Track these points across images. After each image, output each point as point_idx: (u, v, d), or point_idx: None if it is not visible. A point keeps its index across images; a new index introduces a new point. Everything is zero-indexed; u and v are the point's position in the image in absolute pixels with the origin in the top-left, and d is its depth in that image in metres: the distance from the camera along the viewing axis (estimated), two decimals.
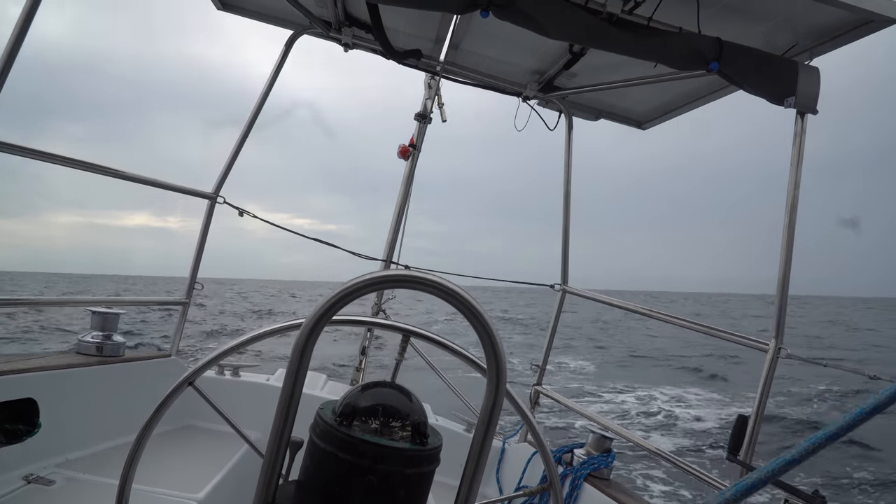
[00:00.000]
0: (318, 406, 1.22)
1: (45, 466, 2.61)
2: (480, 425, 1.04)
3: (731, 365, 22.22)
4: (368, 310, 3.98)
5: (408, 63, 3.55)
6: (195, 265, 3.58)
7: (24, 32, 2.28)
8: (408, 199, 4.05)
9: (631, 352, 27.66)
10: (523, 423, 3.11)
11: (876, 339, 36.93)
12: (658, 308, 3.37)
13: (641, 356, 26.30)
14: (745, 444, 2.46)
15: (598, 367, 22.27)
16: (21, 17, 2.27)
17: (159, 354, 3.48)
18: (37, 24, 2.27)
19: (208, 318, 31.49)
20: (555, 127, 3.80)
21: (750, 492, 0.76)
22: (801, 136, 2.50)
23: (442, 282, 0.99)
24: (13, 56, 2.25)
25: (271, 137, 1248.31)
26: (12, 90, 2.35)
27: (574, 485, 3.02)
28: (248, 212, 3.68)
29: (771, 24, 2.49)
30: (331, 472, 1.10)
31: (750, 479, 0.76)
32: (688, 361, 24.02)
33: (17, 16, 2.29)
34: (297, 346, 1.02)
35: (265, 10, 3.43)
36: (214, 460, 2.99)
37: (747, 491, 0.76)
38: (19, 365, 2.64)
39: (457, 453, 1.23)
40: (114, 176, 3.04)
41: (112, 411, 3.02)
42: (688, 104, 3.47)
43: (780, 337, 2.52)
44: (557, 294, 3.81)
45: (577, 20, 2.32)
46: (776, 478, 0.75)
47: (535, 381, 3.77)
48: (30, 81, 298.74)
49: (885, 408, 0.70)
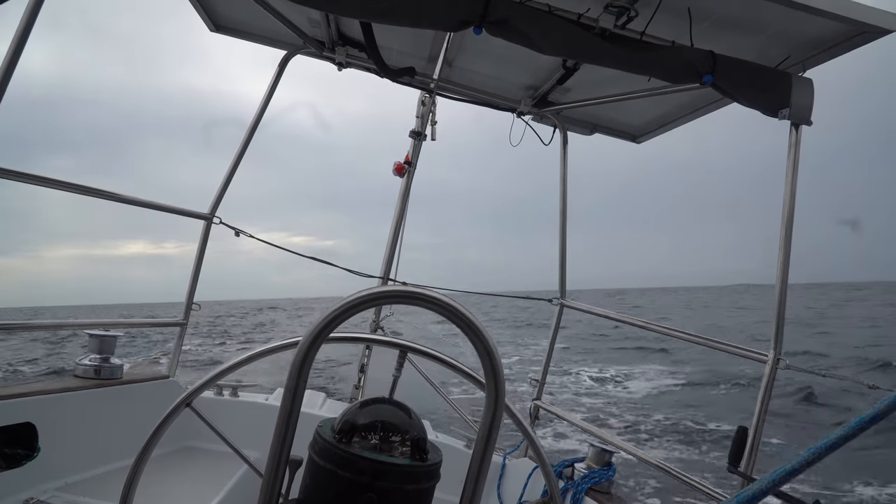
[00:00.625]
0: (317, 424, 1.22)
1: (45, 490, 2.59)
2: (480, 440, 1.04)
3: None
4: (367, 327, 3.98)
5: (402, 81, 3.57)
6: (192, 286, 3.57)
7: (12, 66, 2.22)
8: (404, 216, 4.06)
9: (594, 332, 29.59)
10: (524, 439, 3.10)
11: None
12: (655, 322, 3.38)
13: (603, 335, 28.38)
14: (746, 456, 2.45)
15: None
16: (8, 55, 2.22)
17: (157, 376, 3.46)
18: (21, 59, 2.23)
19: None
20: (549, 142, 3.82)
21: (751, 503, 0.76)
22: (795, 147, 2.52)
23: (439, 297, 1.00)
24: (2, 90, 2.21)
25: (264, 156, 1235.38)
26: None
27: (575, 499, 3.00)
28: (244, 232, 3.68)
29: (763, 37, 2.51)
30: (330, 490, 1.09)
31: (751, 490, 0.76)
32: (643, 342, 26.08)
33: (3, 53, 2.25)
34: (294, 364, 1.01)
35: (258, 31, 3.45)
36: (214, 481, 2.96)
37: (748, 502, 0.76)
38: (17, 389, 2.63)
39: (457, 469, 1.22)
40: (110, 199, 3.04)
41: (111, 434, 3.00)
42: (682, 117, 3.49)
43: (779, 347, 2.52)
44: (555, 308, 3.81)
45: (570, 36, 2.33)
46: (777, 488, 0.75)
47: (534, 395, 3.76)
48: (14, 114, 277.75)
49: (884, 417, 0.70)
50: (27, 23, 2.24)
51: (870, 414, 0.71)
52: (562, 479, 3.18)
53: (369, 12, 2.33)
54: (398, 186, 4.06)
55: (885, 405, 0.70)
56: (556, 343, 3.84)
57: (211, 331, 38.86)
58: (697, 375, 19.44)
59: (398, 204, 4.05)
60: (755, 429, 2.46)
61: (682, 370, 20.49)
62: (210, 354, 24.07)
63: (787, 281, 2.51)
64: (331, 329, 1.00)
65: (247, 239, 3.76)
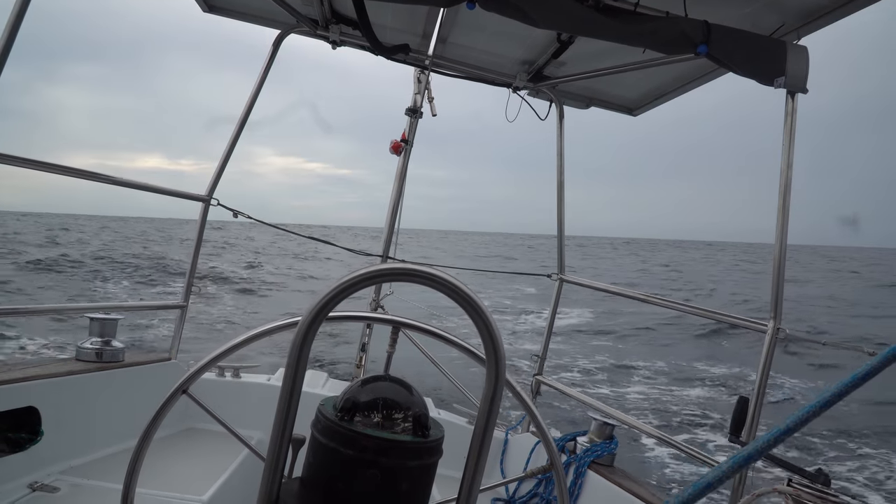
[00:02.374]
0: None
1: (49, 474, 2.62)
2: (481, 415, 1.05)
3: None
4: (366, 306, 3.99)
5: (396, 58, 3.54)
6: (192, 268, 3.57)
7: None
8: (402, 194, 4.05)
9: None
10: (525, 414, 3.12)
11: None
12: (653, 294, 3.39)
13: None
14: (747, 425, 2.47)
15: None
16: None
17: (159, 358, 3.48)
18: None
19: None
20: (546, 117, 3.80)
21: (746, 464, 0.77)
22: (791, 115, 2.51)
23: (437, 273, 1.00)
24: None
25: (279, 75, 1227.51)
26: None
27: (578, 472, 3.03)
28: (242, 213, 3.67)
29: (757, 6, 2.49)
30: (334, 468, 1.10)
31: (745, 452, 0.77)
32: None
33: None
34: (294, 343, 1.02)
35: (251, 10, 3.41)
36: (218, 461, 3.00)
37: (743, 463, 0.77)
38: (19, 374, 2.64)
39: (459, 446, 1.23)
40: (107, 182, 3.04)
41: (114, 417, 3.02)
42: (678, 88, 3.47)
43: (779, 317, 2.53)
44: (555, 284, 3.82)
45: (563, 8, 2.31)
46: (772, 448, 0.75)
47: (535, 371, 3.78)
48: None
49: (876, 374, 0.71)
50: None
51: (862, 371, 0.71)
52: (564, 452, 3.21)
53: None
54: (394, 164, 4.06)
55: (878, 361, 0.70)
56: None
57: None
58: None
59: (395, 183, 4.04)
60: (756, 398, 2.49)
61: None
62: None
63: (786, 249, 2.51)
64: (330, 308, 1.01)
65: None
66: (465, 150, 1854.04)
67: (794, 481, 2.15)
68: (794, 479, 2.14)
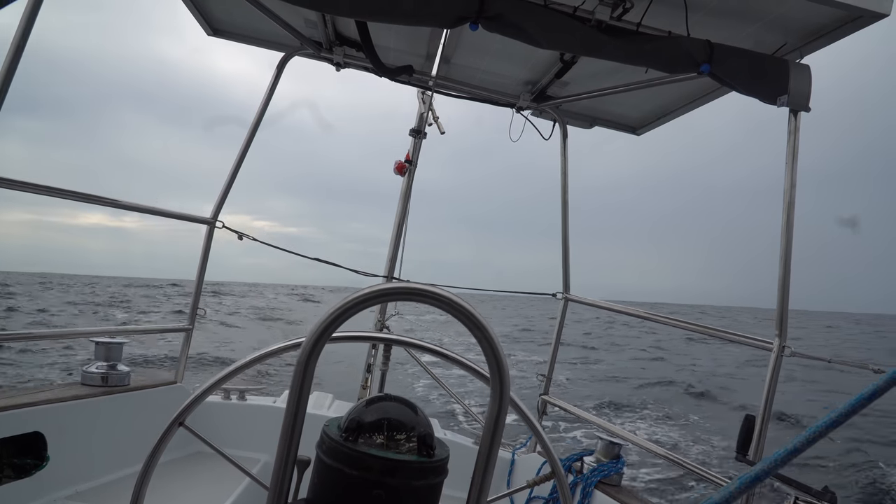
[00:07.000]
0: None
1: (55, 499, 2.61)
2: (486, 433, 1.04)
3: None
4: (371, 326, 3.98)
5: (400, 79, 3.57)
6: (197, 291, 3.58)
7: (26, 35, 2.26)
8: (406, 214, 4.06)
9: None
10: (532, 434, 3.10)
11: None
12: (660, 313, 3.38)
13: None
14: (754, 444, 2.45)
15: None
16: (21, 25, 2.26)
17: (165, 381, 3.47)
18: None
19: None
20: (549, 136, 3.81)
21: (754, 484, 0.76)
22: (794, 134, 2.51)
23: (441, 293, 1.00)
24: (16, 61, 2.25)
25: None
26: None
27: (585, 492, 3.00)
28: (247, 235, 3.69)
29: (760, 25, 2.51)
30: (338, 489, 1.10)
31: (753, 472, 0.76)
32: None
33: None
34: (299, 364, 1.02)
35: (255, 33, 3.45)
36: (224, 486, 2.97)
37: (751, 483, 0.76)
38: (25, 399, 2.64)
39: (465, 467, 1.22)
40: (112, 206, 3.06)
41: (120, 441, 3.01)
42: (681, 108, 3.48)
43: (784, 335, 2.51)
44: (560, 303, 3.81)
45: (566, 29, 2.33)
46: (779, 468, 0.75)
47: (541, 390, 3.76)
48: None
49: (883, 393, 0.70)
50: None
51: (869, 390, 0.71)
52: (571, 472, 3.18)
53: (363, 11, 2.33)
54: (399, 184, 4.07)
55: (885, 381, 0.70)
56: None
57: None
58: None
59: (400, 203, 4.05)
60: (762, 416, 2.47)
61: None
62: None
63: (790, 269, 2.50)
64: (334, 328, 1.01)
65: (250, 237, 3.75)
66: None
67: (800, 499, 2.13)
68: (802, 497, 2.12)
